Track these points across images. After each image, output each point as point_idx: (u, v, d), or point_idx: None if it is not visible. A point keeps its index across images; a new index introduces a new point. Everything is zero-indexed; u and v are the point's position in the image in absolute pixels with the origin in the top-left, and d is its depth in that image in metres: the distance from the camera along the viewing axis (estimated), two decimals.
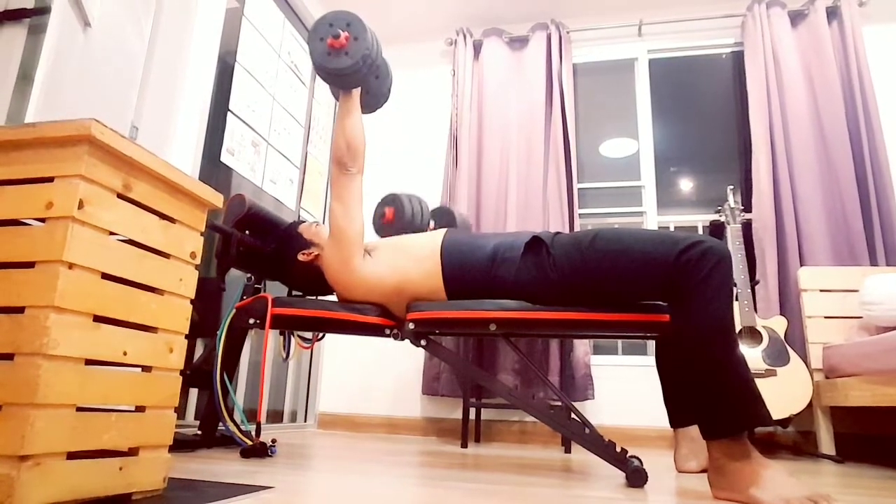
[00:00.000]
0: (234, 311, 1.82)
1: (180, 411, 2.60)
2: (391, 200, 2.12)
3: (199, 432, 1.86)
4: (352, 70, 1.63)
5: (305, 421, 3.15)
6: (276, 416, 2.99)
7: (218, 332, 1.82)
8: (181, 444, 1.74)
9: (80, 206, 0.84)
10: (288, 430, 2.93)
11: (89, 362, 0.86)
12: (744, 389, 1.19)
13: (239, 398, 2.69)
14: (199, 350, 2.22)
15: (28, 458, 0.76)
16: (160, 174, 0.98)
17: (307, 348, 2.05)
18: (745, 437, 1.19)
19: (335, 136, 1.72)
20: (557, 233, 1.53)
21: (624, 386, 2.84)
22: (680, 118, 3.37)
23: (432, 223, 2.28)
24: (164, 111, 2.15)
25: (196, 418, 2.32)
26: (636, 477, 1.38)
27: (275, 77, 2.89)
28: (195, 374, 1.92)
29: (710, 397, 1.21)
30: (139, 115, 2.04)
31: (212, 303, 2.07)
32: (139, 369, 0.97)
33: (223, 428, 1.81)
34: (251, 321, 1.77)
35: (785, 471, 1.15)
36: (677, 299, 1.29)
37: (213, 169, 2.50)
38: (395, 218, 2.07)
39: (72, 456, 0.83)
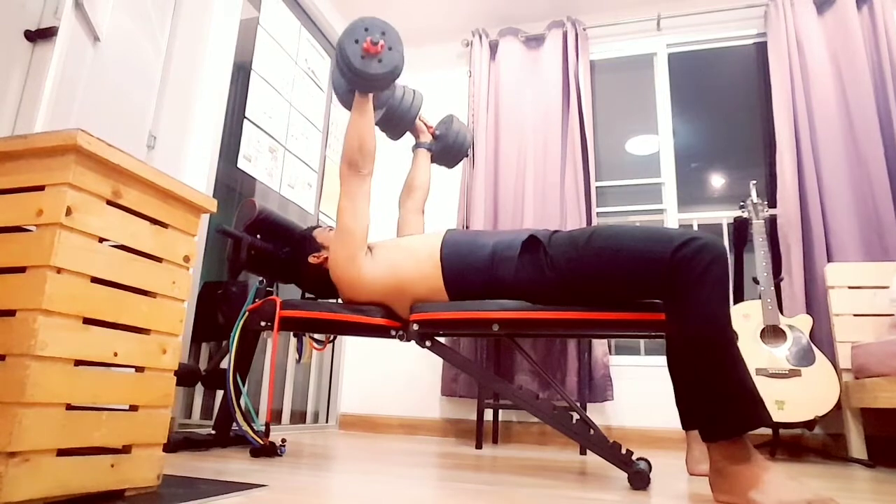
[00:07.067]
0: (246, 313, 1.87)
1: (205, 411, 2.67)
2: (387, 100, 2.07)
3: (213, 432, 1.91)
4: (382, 77, 1.65)
5: (327, 422, 3.20)
6: (298, 417, 3.04)
7: (231, 335, 1.86)
8: (195, 443, 1.79)
9: (69, 212, 0.88)
10: (309, 430, 2.98)
11: (80, 363, 0.90)
12: (742, 391, 1.16)
13: (263, 399, 2.75)
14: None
15: (16, 454, 0.79)
16: (150, 181, 1.02)
17: (320, 350, 2.08)
18: (745, 440, 1.15)
19: (347, 138, 1.74)
20: (556, 231, 1.52)
21: (645, 387, 2.79)
22: (701, 113, 3.30)
23: (428, 121, 2.21)
24: (182, 121, 2.22)
25: None
26: (638, 479, 1.35)
27: (291, 83, 2.94)
28: (211, 376, 1.97)
29: (708, 399, 1.18)
30: (157, 125, 2.12)
31: (236, 306, 2.12)
32: (132, 370, 1.00)
33: (237, 427, 1.86)
34: (262, 323, 1.81)
35: (786, 473, 1.12)
36: (672, 298, 1.26)
37: (234, 175, 2.57)
38: (387, 101, 2.03)
39: (63, 453, 0.87)
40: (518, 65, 3.34)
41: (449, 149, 2.19)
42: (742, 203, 2.66)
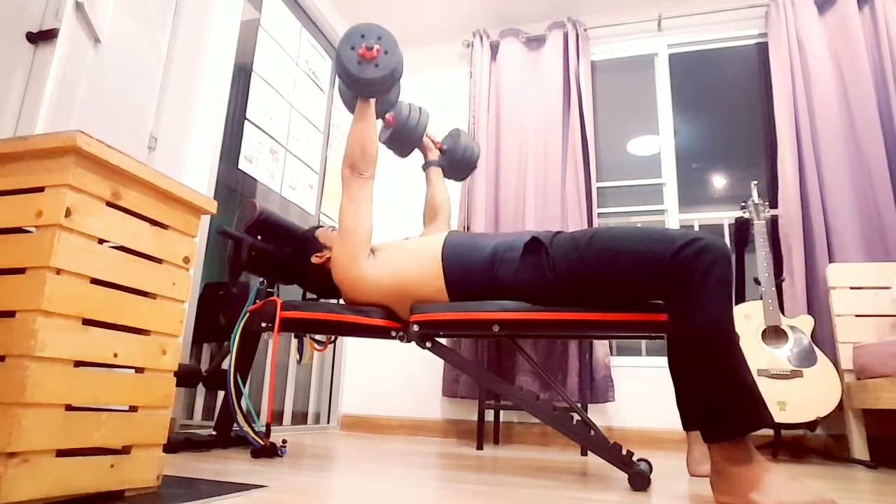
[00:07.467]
0: (246, 314, 1.87)
1: (207, 412, 2.67)
2: (393, 105, 2.10)
3: (214, 432, 1.91)
4: (380, 81, 1.67)
5: (328, 423, 3.20)
6: (300, 418, 3.04)
7: (232, 335, 1.86)
8: (195, 444, 1.79)
9: (68, 214, 0.88)
10: (311, 431, 2.98)
11: (79, 363, 0.90)
12: (744, 392, 1.15)
13: (264, 400, 2.75)
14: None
15: (16, 454, 0.79)
16: (150, 182, 1.02)
17: (321, 350, 2.08)
18: (747, 441, 1.15)
19: (349, 142, 1.75)
20: (558, 232, 1.52)
21: (646, 387, 2.79)
22: (702, 113, 3.29)
23: (435, 137, 2.23)
24: (183, 122, 2.22)
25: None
26: (638, 480, 1.35)
27: (292, 85, 2.95)
28: (212, 376, 1.97)
29: (709, 400, 1.18)
30: (158, 127, 2.12)
31: (237, 307, 2.13)
32: (132, 370, 1.01)
33: (237, 428, 1.86)
34: (263, 324, 1.81)
35: (787, 474, 1.11)
36: (674, 299, 1.26)
37: (235, 176, 2.57)
38: (395, 120, 2.05)
39: (63, 453, 0.87)
40: (519, 65, 3.34)
41: (458, 163, 2.20)
42: (743, 203, 2.66)
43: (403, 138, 2.07)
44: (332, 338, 2.47)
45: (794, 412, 2.19)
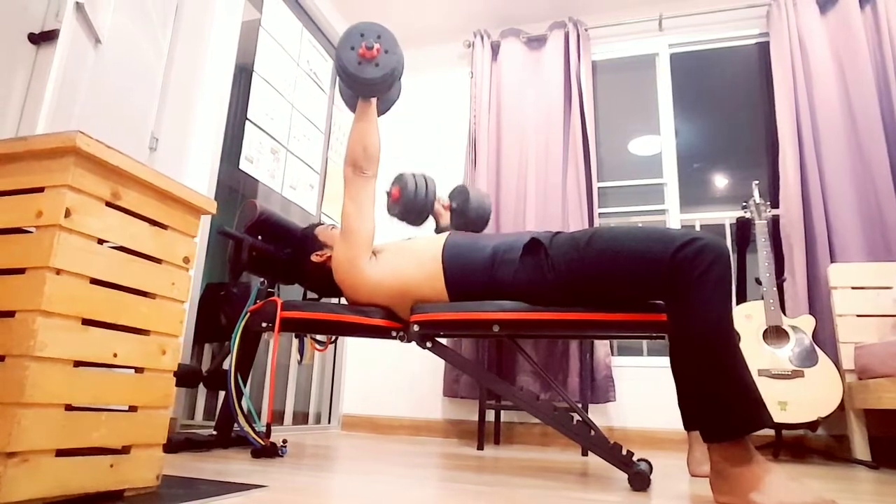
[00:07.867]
0: (247, 314, 1.87)
1: (208, 412, 2.68)
2: (397, 179, 2.10)
3: (215, 432, 1.91)
4: (380, 80, 1.66)
5: (329, 423, 3.20)
6: (301, 418, 3.04)
7: (232, 336, 1.87)
8: (196, 444, 1.80)
9: (67, 214, 0.88)
10: (312, 431, 2.98)
11: (79, 363, 0.90)
12: (743, 392, 1.15)
13: (265, 400, 2.75)
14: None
15: (15, 454, 0.79)
16: (149, 182, 1.02)
17: (321, 350, 2.09)
18: (747, 441, 1.15)
19: (351, 141, 1.74)
20: (557, 233, 1.52)
21: (647, 387, 2.78)
22: (703, 113, 3.29)
23: (444, 201, 2.22)
24: (184, 122, 2.23)
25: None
26: (638, 480, 1.35)
27: (293, 85, 2.95)
28: (212, 376, 1.97)
29: (709, 400, 1.18)
30: (159, 127, 2.12)
31: (238, 307, 2.13)
32: (132, 370, 1.01)
33: (238, 428, 1.86)
34: (263, 324, 1.81)
35: (787, 475, 1.11)
36: (673, 299, 1.26)
37: (236, 176, 2.57)
38: (401, 196, 2.04)
39: (62, 453, 0.87)
40: (520, 65, 3.34)
41: (472, 221, 2.18)
42: (744, 203, 2.66)
43: (413, 210, 2.03)
44: (333, 338, 2.47)
45: (796, 412, 2.18)
